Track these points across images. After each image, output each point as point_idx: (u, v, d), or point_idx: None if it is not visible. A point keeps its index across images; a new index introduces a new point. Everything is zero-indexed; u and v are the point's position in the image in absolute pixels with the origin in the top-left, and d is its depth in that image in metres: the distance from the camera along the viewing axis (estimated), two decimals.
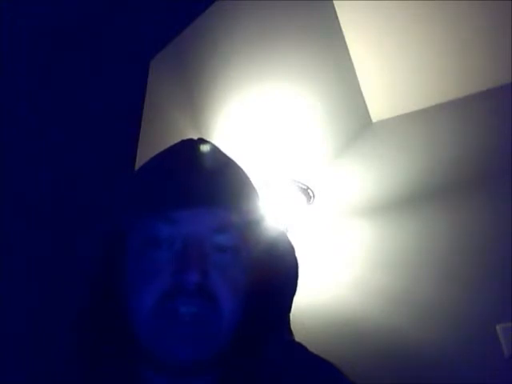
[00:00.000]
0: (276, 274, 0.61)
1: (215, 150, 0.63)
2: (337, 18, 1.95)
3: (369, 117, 2.16)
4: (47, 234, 1.02)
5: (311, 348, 0.61)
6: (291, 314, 0.64)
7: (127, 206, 0.59)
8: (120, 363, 0.56)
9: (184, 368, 0.53)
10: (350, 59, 2.04)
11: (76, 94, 1.17)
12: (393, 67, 2.02)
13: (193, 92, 1.42)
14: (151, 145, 1.14)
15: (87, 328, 0.58)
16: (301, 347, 0.61)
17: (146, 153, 1.08)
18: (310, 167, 1.93)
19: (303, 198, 1.72)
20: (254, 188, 0.63)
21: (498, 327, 1.51)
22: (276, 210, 1.67)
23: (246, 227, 0.58)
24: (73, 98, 1.17)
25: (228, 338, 0.55)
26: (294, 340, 0.64)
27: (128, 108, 1.21)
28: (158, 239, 0.55)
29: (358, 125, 2.12)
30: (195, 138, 0.65)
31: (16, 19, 1.09)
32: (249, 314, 0.57)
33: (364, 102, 2.12)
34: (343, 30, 1.98)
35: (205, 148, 0.62)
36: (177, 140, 0.65)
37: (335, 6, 1.93)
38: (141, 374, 0.56)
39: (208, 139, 0.65)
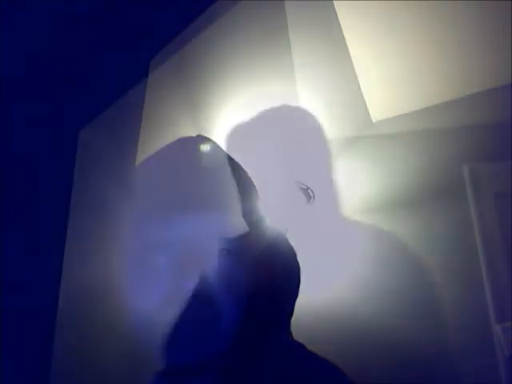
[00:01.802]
0: (276, 275, 0.61)
1: (215, 149, 0.63)
2: (337, 18, 1.95)
3: (369, 117, 2.15)
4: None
5: (311, 348, 0.61)
6: None
7: (127, 208, 0.59)
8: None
9: (184, 368, 0.53)
10: (350, 59, 2.03)
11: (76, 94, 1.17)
12: (393, 67, 2.02)
13: (193, 92, 1.42)
14: (151, 145, 1.13)
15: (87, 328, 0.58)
16: (301, 347, 0.61)
17: (145, 153, 1.08)
18: (310, 167, 1.93)
19: (303, 198, 1.72)
20: (254, 187, 0.63)
21: (498, 327, 1.51)
22: (276, 210, 1.67)
23: (247, 228, 0.58)
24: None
25: (228, 338, 0.55)
26: (293, 340, 0.64)
27: (128, 108, 1.20)
28: (157, 242, 0.54)
29: (357, 125, 2.12)
30: (194, 135, 0.64)
31: (16, 19, 1.09)
32: (249, 314, 0.57)
33: (364, 102, 2.12)
34: (343, 30, 1.98)
35: (204, 146, 0.62)
36: None
37: (335, 5, 1.93)
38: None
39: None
